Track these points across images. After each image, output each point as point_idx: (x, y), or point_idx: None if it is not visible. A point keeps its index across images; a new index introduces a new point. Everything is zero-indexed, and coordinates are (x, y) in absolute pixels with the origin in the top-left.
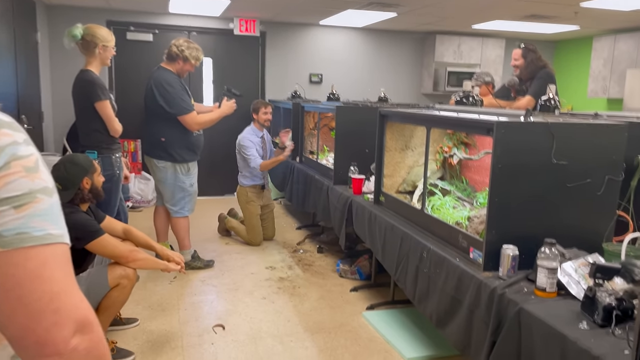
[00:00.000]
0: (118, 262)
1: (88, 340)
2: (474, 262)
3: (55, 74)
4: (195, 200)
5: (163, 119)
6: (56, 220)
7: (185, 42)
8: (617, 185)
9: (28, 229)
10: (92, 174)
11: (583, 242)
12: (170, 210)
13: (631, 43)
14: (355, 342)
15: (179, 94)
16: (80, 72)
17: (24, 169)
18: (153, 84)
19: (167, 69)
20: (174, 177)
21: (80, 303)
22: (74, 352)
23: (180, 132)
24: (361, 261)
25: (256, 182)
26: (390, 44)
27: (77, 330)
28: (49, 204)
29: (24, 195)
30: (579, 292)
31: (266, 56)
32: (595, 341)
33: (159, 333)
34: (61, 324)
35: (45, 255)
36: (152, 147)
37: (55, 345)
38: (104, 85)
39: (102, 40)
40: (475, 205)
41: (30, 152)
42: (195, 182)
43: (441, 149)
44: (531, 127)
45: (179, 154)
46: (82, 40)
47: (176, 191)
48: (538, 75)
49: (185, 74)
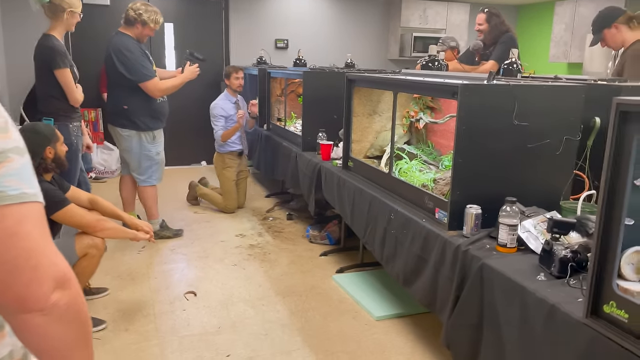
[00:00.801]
0: (85, 231)
1: (67, 296)
2: (439, 222)
3: (8, 41)
4: (162, 169)
5: (124, 87)
6: (29, 179)
7: (143, 6)
8: (574, 146)
9: (3, 188)
10: (55, 143)
11: (542, 201)
12: (137, 179)
13: (592, 7)
14: (326, 303)
15: (139, 59)
16: (42, 36)
17: None
18: (112, 50)
19: (125, 34)
20: (140, 145)
21: (58, 260)
22: (54, 307)
23: (142, 99)
24: (330, 226)
25: (233, 148)
26: (357, 8)
27: (56, 286)
28: (21, 164)
29: None
30: (538, 247)
31: (230, 21)
32: (552, 291)
33: (130, 302)
34: (40, 280)
35: (21, 213)
36: (115, 115)
37: (36, 301)
38: (65, 53)
39: (70, 5)
40: (441, 168)
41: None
42: (162, 150)
43: (408, 113)
44: (494, 90)
45: (143, 122)
46: (49, 3)
47: (142, 160)
48: (501, 40)
49: (145, 38)
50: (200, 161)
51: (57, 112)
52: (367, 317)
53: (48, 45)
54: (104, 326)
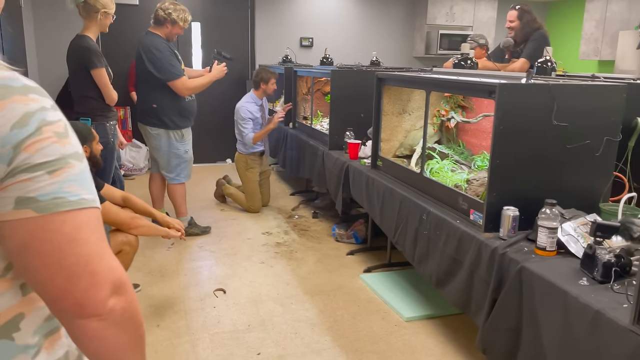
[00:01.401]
0: (120, 229)
1: (124, 301)
2: (474, 223)
3: (40, 40)
4: (191, 167)
5: (153, 86)
6: (88, 185)
7: (171, 5)
8: (614, 146)
9: (63, 194)
10: (91, 142)
11: (581, 203)
12: (167, 177)
13: (623, 5)
14: (354, 303)
15: (168, 58)
16: (76, 37)
17: (55, 135)
18: (141, 49)
19: (155, 33)
20: (168, 144)
21: (115, 265)
22: (111, 312)
23: (171, 98)
24: (357, 225)
25: (255, 149)
26: (382, 6)
27: (113, 292)
28: (80, 169)
29: (57, 161)
30: (578, 250)
31: (256, 20)
32: (595, 296)
33: (161, 298)
34: (98, 286)
35: (80, 219)
36: (144, 114)
37: (94, 307)
38: (100, 53)
39: (104, 6)
40: (473, 168)
41: (59, 117)
42: (190, 148)
43: (438, 112)
44: (532, 89)
45: (172, 120)
46: (84, 3)
47: (171, 158)
48: (532, 37)
49: (174, 37)
50: (226, 159)
51: (94, 112)
52: (397, 318)
53: (84, 45)
54: None
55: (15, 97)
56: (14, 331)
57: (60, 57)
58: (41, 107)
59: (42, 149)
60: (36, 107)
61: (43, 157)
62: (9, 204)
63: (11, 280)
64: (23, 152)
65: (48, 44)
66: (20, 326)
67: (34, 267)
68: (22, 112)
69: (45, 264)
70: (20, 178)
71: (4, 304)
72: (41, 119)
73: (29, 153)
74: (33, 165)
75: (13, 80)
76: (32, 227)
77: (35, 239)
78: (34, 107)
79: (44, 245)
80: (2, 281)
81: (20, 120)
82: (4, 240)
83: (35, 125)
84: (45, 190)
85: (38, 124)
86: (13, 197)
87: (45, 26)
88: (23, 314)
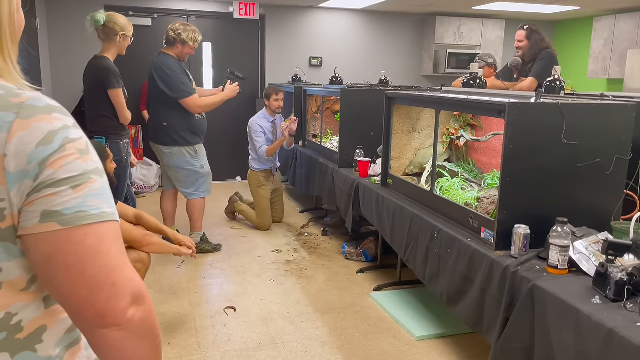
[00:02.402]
0: (132, 246)
1: (142, 311)
2: (485, 241)
3: (55, 61)
4: (210, 181)
5: (164, 104)
6: (108, 199)
7: (181, 25)
8: (625, 165)
9: (86, 208)
10: (105, 161)
11: (592, 221)
12: (185, 193)
13: (631, 23)
14: (365, 321)
15: (179, 77)
16: (95, 58)
17: (78, 151)
18: (154, 69)
19: (167, 54)
20: (183, 161)
21: (134, 276)
22: (130, 322)
23: (182, 115)
24: (367, 243)
25: (267, 166)
26: (390, 25)
27: (132, 302)
28: (101, 184)
29: (80, 176)
30: (590, 269)
31: (266, 40)
32: (608, 315)
33: (172, 315)
34: (119, 297)
35: (101, 232)
36: (156, 133)
37: (114, 317)
38: (119, 74)
39: (123, 29)
40: (483, 186)
41: (80, 135)
42: (206, 163)
43: (448, 130)
44: (542, 108)
45: (182, 137)
46: (103, 27)
47: (189, 175)
48: (540, 56)
49: (186, 57)
50: (235, 177)
51: (108, 131)
52: (408, 337)
53: (104, 65)
54: None
55: (40, 116)
56: (37, 343)
57: (73, 77)
58: (64, 126)
59: (66, 165)
60: (59, 125)
61: (67, 172)
62: (35, 218)
63: (35, 293)
64: (48, 168)
65: (62, 65)
66: (43, 338)
67: (57, 279)
68: (46, 130)
69: (68, 275)
70: (46, 193)
71: (28, 316)
72: (64, 137)
73: (54, 169)
74: (58, 180)
75: (37, 100)
76: (56, 239)
77: (60, 251)
78: (58, 126)
79: (68, 258)
80: (26, 294)
81: (45, 138)
82: (29, 253)
83: (59, 142)
84: (70, 204)
85: (62, 142)
86: (39, 211)
87: (60, 47)
88: (46, 326)
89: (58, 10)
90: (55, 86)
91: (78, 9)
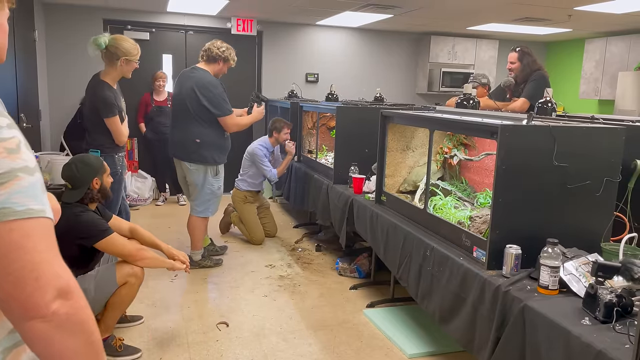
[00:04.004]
0: (126, 260)
1: (68, 306)
2: (477, 260)
3: (52, 73)
4: (219, 203)
5: (200, 121)
6: (37, 196)
7: (223, 44)
8: (614, 187)
9: (10, 204)
10: (102, 175)
11: (582, 242)
12: (194, 209)
13: (622, 46)
14: (357, 339)
15: (222, 95)
16: (95, 79)
17: (5, 150)
18: (195, 85)
19: (206, 70)
20: (204, 179)
21: (62, 272)
22: (54, 315)
23: (215, 133)
24: (360, 259)
25: (255, 188)
26: (386, 44)
27: (57, 296)
28: (30, 182)
29: (5, 174)
30: (580, 290)
31: (263, 56)
32: (598, 336)
33: (164, 330)
34: (42, 290)
35: (27, 228)
36: (184, 148)
37: (37, 309)
38: (114, 102)
39: (125, 54)
40: (476, 205)
41: (13, 134)
42: (222, 185)
43: (441, 149)
44: (534, 130)
45: (211, 156)
46: (105, 50)
47: (205, 193)
48: (532, 78)
49: (221, 75)
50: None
51: (104, 145)
52: (400, 355)
53: (100, 95)
54: (139, 355)
55: None
56: None
57: (70, 89)
58: None
59: None
60: None
61: None
62: None
63: None
64: None
65: (59, 77)
66: None
67: None
68: None
69: None
70: None
71: None
72: None
73: None
74: None
75: None
76: None
77: None
78: None
79: None
80: None
81: None
82: None
83: None
84: None
85: None
86: None
87: (57, 60)
88: None
89: (56, 22)
90: (51, 98)
91: (76, 22)
